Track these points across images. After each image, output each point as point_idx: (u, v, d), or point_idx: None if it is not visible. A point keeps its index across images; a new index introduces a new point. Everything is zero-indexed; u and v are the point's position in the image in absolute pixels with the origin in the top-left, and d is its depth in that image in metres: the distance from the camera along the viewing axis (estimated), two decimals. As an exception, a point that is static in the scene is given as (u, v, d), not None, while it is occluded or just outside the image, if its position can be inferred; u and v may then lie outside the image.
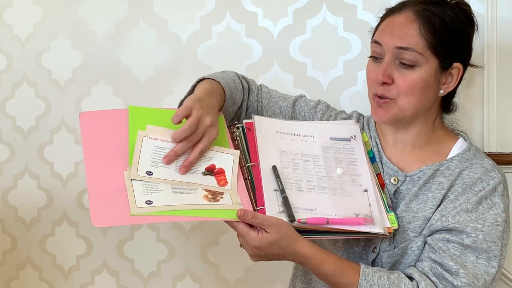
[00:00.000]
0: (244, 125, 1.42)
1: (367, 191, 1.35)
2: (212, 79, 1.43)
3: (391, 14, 1.36)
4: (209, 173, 1.30)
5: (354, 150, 1.42)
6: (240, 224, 1.24)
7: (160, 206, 1.23)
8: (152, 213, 1.22)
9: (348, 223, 1.29)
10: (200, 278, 1.96)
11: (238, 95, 1.48)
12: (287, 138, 1.42)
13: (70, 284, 2.05)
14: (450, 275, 1.27)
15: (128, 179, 1.26)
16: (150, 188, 1.25)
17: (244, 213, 1.23)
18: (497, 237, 1.29)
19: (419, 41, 1.30)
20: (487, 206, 1.31)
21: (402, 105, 1.33)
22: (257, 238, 1.23)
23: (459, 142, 1.41)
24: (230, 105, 1.44)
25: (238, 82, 1.50)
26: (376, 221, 1.30)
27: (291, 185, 1.33)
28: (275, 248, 1.24)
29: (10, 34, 2.02)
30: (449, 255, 1.28)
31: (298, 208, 1.29)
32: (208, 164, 1.31)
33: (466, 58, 1.38)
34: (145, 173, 1.26)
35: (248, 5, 1.86)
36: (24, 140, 2.04)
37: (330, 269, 1.28)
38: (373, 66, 1.37)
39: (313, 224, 1.27)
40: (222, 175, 1.30)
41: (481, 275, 1.28)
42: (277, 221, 1.24)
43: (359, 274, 1.27)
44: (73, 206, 2.02)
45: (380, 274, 1.28)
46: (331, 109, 1.53)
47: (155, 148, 1.30)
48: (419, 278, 1.27)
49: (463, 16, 1.35)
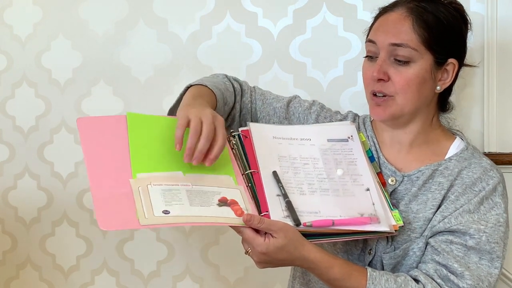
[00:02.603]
0: (240, 133, 1.41)
1: (369, 190, 1.34)
2: (199, 84, 1.43)
3: (385, 13, 1.38)
4: (224, 204, 1.26)
5: (352, 150, 1.41)
6: (246, 230, 1.23)
7: (176, 217, 1.22)
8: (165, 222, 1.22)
9: (354, 223, 1.28)
10: (200, 278, 1.96)
11: (229, 95, 1.47)
12: (284, 143, 1.41)
13: (70, 284, 2.05)
14: (455, 277, 1.26)
15: (136, 188, 1.25)
16: (171, 199, 1.24)
17: (250, 217, 1.22)
18: (499, 238, 1.29)
19: (413, 37, 1.31)
20: (489, 206, 1.31)
21: (400, 102, 1.33)
22: (264, 244, 1.21)
23: (456, 142, 1.41)
24: (222, 106, 1.44)
25: (229, 84, 1.49)
26: (381, 219, 1.29)
27: (293, 189, 1.32)
28: (283, 253, 1.23)
29: (10, 34, 2.02)
30: (453, 257, 1.28)
31: (302, 212, 1.28)
32: (219, 197, 1.28)
33: (461, 54, 1.38)
34: (161, 213, 1.22)
35: (248, 5, 1.86)
36: (24, 140, 2.04)
37: (338, 273, 1.26)
38: (368, 65, 1.37)
39: (319, 226, 1.26)
40: (236, 205, 1.27)
41: (485, 277, 1.27)
42: (284, 225, 1.23)
43: (367, 278, 1.26)
44: (73, 206, 2.02)
45: (387, 277, 1.27)
46: (326, 110, 1.52)
47: (162, 191, 1.26)
48: (425, 281, 1.27)
49: (456, 13, 1.36)
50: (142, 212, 1.21)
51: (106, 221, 1.20)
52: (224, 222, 1.24)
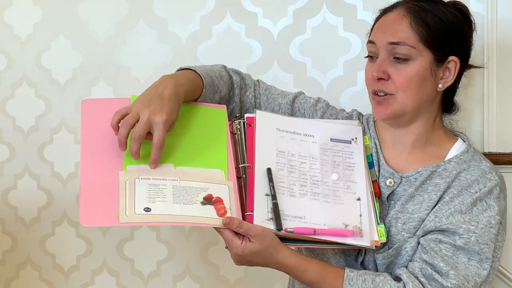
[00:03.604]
0: (245, 120, 1.41)
1: (360, 200, 1.35)
2: (188, 69, 1.42)
3: (384, 14, 1.39)
4: (208, 202, 1.28)
5: (353, 154, 1.41)
6: (226, 231, 1.25)
7: (157, 215, 1.23)
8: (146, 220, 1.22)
9: (335, 234, 1.29)
10: (200, 278, 1.96)
11: (222, 84, 1.46)
12: (286, 136, 1.41)
13: (70, 284, 2.05)
14: (440, 276, 1.27)
15: (123, 181, 1.26)
16: (155, 194, 1.25)
17: (229, 221, 1.24)
18: (490, 239, 1.28)
19: (411, 35, 1.31)
20: (482, 208, 1.31)
21: (401, 100, 1.33)
22: (240, 247, 1.25)
23: (458, 144, 1.41)
24: (211, 93, 1.43)
25: (224, 73, 1.49)
26: (364, 233, 1.30)
27: (283, 190, 1.33)
28: (257, 257, 1.26)
29: (10, 34, 2.02)
30: (440, 256, 1.28)
31: (287, 216, 1.29)
32: (205, 194, 1.29)
33: (463, 52, 1.37)
34: (143, 210, 1.23)
35: (248, 5, 1.86)
36: (24, 140, 2.04)
37: (313, 276, 1.29)
38: (369, 66, 1.38)
39: (300, 233, 1.28)
40: (220, 203, 1.28)
41: (472, 277, 1.27)
42: (262, 231, 1.25)
43: (343, 279, 1.28)
44: (73, 206, 2.02)
45: (365, 277, 1.28)
46: (331, 108, 1.52)
47: (148, 186, 1.27)
48: (407, 280, 1.27)
49: (458, 12, 1.36)
50: (124, 208, 1.22)
51: (87, 217, 1.21)
52: (204, 223, 1.25)
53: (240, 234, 1.25)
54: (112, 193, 1.24)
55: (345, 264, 1.39)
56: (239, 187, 1.33)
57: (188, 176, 1.30)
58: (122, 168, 1.29)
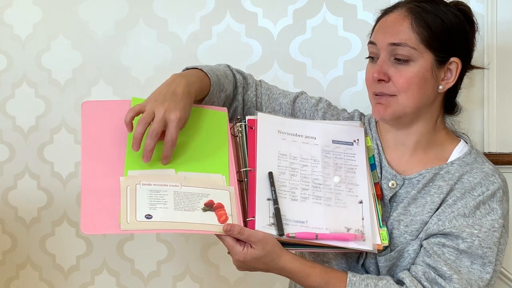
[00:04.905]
0: (246, 122, 1.40)
1: (362, 202, 1.34)
2: (195, 68, 1.42)
3: (385, 15, 1.38)
4: (209, 208, 1.27)
5: (355, 156, 1.40)
6: (227, 238, 1.25)
7: (158, 222, 1.22)
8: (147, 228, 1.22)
9: (337, 238, 1.29)
10: (200, 278, 1.96)
11: (228, 83, 1.46)
12: (288, 139, 1.40)
13: (70, 284, 2.05)
14: (443, 280, 1.26)
15: (125, 187, 1.25)
16: (156, 201, 1.24)
17: (230, 228, 1.24)
18: (493, 243, 1.28)
19: (412, 36, 1.31)
20: (485, 211, 1.30)
21: (402, 101, 1.32)
22: (242, 253, 1.24)
23: (460, 145, 1.40)
24: (217, 92, 1.43)
25: (229, 72, 1.49)
26: (366, 237, 1.30)
27: (285, 194, 1.32)
28: (259, 263, 1.26)
29: (10, 34, 2.02)
30: (443, 260, 1.28)
31: (289, 220, 1.29)
32: (206, 200, 1.28)
33: (464, 53, 1.36)
34: (144, 217, 1.23)
35: (248, 5, 1.86)
36: (24, 140, 2.04)
37: (315, 281, 1.29)
38: (370, 67, 1.37)
39: (302, 238, 1.27)
40: (222, 209, 1.27)
41: (475, 281, 1.27)
42: (264, 237, 1.25)
43: (346, 284, 1.28)
44: (73, 206, 2.02)
45: (368, 282, 1.28)
46: (333, 108, 1.52)
47: (150, 192, 1.26)
48: (410, 284, 1.27)
49: (460, 13, 1.35)
50: (125, 215, 1.21)
51: (89, 225, 1.20)
52: (205, 230, 1.25)
53: (242, 240, 1.25)
54: (113, 199, 1.23)
55: (346, 266, 1.38)
56: (240, 191, 1.32)
57: (189, 181, 1.30)
58: (123, 173, 1.28)
